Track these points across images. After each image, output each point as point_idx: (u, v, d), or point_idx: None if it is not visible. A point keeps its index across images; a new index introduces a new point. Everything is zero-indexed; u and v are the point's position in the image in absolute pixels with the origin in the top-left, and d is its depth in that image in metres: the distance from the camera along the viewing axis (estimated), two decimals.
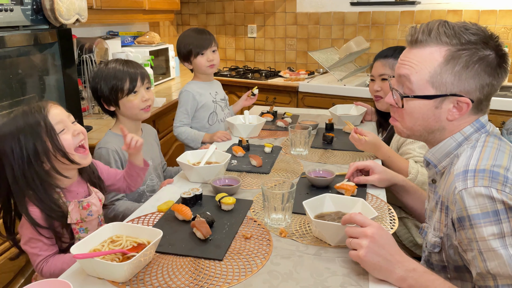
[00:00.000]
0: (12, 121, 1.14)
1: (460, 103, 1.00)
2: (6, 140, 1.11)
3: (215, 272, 0.99)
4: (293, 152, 1.78)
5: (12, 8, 1.53)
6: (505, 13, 3.07)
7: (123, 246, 1.03)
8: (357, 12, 3.56)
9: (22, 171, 1.12)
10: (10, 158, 1.11)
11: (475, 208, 0.89)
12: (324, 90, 3.17)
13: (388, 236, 0.97)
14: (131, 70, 1.61)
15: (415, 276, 0.92)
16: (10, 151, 1.11)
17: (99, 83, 1.60)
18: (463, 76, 0.98)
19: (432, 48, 1.00)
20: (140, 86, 1.63)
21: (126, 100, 1.61)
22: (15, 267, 1.55)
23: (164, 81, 3.56)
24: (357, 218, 0.99)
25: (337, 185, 1.37)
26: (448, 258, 1.03)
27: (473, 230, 0.89)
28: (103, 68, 1.61)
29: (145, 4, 3.10)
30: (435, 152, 1.08)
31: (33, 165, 1.13)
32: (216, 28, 4.21)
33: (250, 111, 2.49)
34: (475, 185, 0.90)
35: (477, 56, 0.97)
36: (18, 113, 1.15)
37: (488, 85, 0.99)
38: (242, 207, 1.30)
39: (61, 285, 0.87)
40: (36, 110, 1.15)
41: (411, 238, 1.72)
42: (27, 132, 1.12)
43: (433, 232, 1.06)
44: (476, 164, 0.94)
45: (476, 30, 0.98)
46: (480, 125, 1.03)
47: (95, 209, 1.26)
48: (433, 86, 1.01)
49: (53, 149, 1.14)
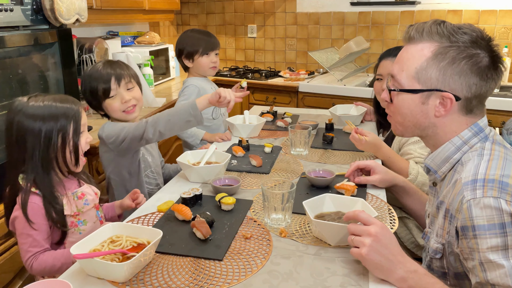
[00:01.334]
0: (49, 105, 1.20)
1: (445, 99, 0.99)
2: (39, 119, 1.17)
3: (215, 272, 0.99)
4: (293, 152, 1.78)
5: (12, 8, 1.53)
6: (505, 13, 3.07)
7: (123, 246, 1.03)
8: (357, 12, 3.56)
9: (41, 153, 1.18)
10: (35, 137, 1.17)
11: (482, 219, 0.88)
12: (324, 90, 3.17)
13: (391, 236, 0.96)
14: (104, 72, 1.55)
15: (415, 277, 0.92)
16: (38, 130, 1.17)
17: (84, 83, 1.58)
18: (448, 72, 0.98)
19: (423, 45, 1.01)
20: (116, 89, 1.56)
21: (106, 103, 1.58)
22: (15, 267, 1.55)
23: (164, 81, 3.56)
24: (361, 216, 0.99)
25: (337, 185, 1.37)
26: (448, 264, 1.02)
27: (476, 240, 0.88)
28: (86, 70, 1.59)
29: (145, 4, 3.10)
30: (435, 157, 1.07)
31: (51, 150, 1.19)
32: (216, 28, 4.21)
33: (250, 111, 2.49)
34: (484, 195, 0.88)
35: (465, 54, 0.96)
36: (56, 98, 1.22)
37: (475, 85, 0.97)
38: (242, 207, 1.30)
39: (61, 285, 0.87)
40: (74, 103, 1.23)
41: (412, 239, 1.72)
42: (59, 119, 1.19)
43: (435, 238, 1.05)
44: (484, 173, 0.92)
45: (469, 30, 0.98)
46: (479, 129, 1.02)
47: (91, 198, 1.28)
48: (419, 81, 1.02)
49: (72, 144, 1.21)
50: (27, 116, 1.17)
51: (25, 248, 1.18)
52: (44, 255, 1.18)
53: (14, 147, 1.19)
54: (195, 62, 2.21)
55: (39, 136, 1.17)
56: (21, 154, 1.18)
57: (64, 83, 1.80)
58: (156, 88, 3.30)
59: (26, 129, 1.17)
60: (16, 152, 1.19)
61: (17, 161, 1.20)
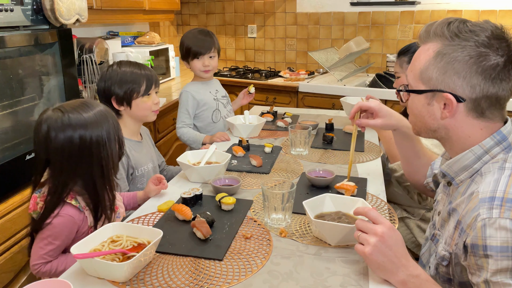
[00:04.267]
0: (98, 110, 1.21)
1: (447, 100, 0.96)
2: (98, 127, 1.18)
3: (215, 272, 0.99)
4: (293, 152, 1.78)
5: (12, 8, 1.53)
6: (505, 13, 3.07)
7: (123, 246, 1.03)
8: (357, 12, 3.57)
9: (111, 157, 1.21)
10: (107, 143, 1.19)
11: (495, 240, 0.84)
12: (324, 90, 3.17)
13: (398, 237, 0.94)
14: (148, 73, 1.67)
15: (416, 282, 0.90)
16: (111, 137, 1.20)
17: (113, 84, 1.62)
18: (448, 72, 0.95)
19: (430, 44, 1.00)
20: (153, 89, 1.69)
21: (140, 101, 1.65)
22: (15, 267, 1.55)
23: (164, 81, 3.56)
24: (371, 214, 0.97)
25: (337, 185, 1.37)
26: (454, 273, 1.01)
27: (486, 260, 0.85)
28: (117, 70, 1.65)
29: (145, 4, 3.10)
30: (452, 165, 1.02)
31: (114, 155, 1.23)
32: (216, 28, 4.21)
33: (250, 111, 2.49)
34: (500, 216, 0.84)
35: (466, 52, 0.92)
36: (107, 113, 1.23)
37: (479, 85, 0.93)
38: (242, 207, 1.30)
39: (61, 285, 0.87)
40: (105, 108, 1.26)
41: (413, 239, 1.72)
42: (113, 122, 1.23)
43: (443, 245, 1.03)
44: (504, 191, 0.87)
45: (478, 29, 0.93)
46: (502, 137, 0.95)
47: (122, 211, 1.32)
48: (422, 81, 1.00)
49: (119, 153, 1.27)
50: (84, 127, 1.15)
51: (41, 253, 1.17)
52: (53, 262, 1.18)
53: (73, 160, 1.15)
54: (190, 65, 2.18)
55: (109, 142, 1.19)
56: (81, 168, 1.17)
57: (64, 83, 1.80)
58: None
59: (90, 139, 1.16)
60: (73, 166, 1.16)
61: (72, 174, 1.17)
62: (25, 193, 1.57)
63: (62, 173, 1.16)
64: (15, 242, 1.54)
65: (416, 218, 1.74)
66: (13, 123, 1.61)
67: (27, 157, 1.60)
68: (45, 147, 1.15)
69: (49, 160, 1.16)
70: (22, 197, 1.55)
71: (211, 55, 2.16)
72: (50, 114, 1.16)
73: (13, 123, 1.61)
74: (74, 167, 1.16)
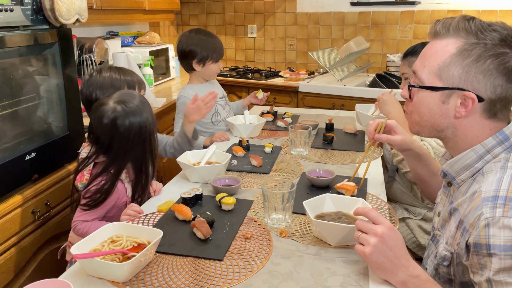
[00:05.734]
0: (141, 99, 1.42)
1: (466, 99, 0.93)
2: (144, 113, 1.38)
3: (215, 272, 0.99)
4: (293, 152, 1.78)
5: (12, 8, 1.53)
6: (505, 13, 3.07)
7: (123, 246, 1.03)
8: (357, 12, 3.57)
9: (157, 136, 1.46)
10: (155, 125, 1.42)
11: (499, 239, 0.83)
12: (324, 90, 3.16)
13: (398, 238, 0.94)
14: (128, 78, 1.63)
15: (417, 283, 0.90)
16: (153, 126, 1.42)
17: (94, 91, 1.58)
18: (472, 71, 0.91)
19: (448, 40, 0.95)
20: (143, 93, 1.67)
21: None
22: (15, 267, 1.54)
23: (164, 81, 3.56)
24: (371, 214, 0.96)
25: (337, 185, 1.37)
26: (455, 273, 1.00)
27: (490, 259, 0.85)
28: (96, 77, 1.60)
29: (145, 4, 3.10)
30: (453, 164, 1.01)
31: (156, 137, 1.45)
32: (216, 28, 4.21)
33: (250, 111, 2.49)
34: (504, 215, 0.84)
35: (492, 52, 0.90)
36: (143, 97, 1.44)
37: (501, 86, 0.91)
38: (242, 207, 1.30)
39: (61, 285, 0.87)
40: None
41: (414, 239, 1.72)
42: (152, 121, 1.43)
43: (444, 245, 1.02)
44: (507, 189, 0.87)
45: (500, 28, 0.92)
46: (504, 137, 0.94)
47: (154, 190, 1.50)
48: (440, 78, 0.96)
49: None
50: (140, 114, 1.36)
51: (80, 215, 1.36)
52: (92, 223, 1.36)
53: (133, 143, 1.35)
54: (205, 67, 2.14)
55: (153, 125, 1.41)
56: (137, 148, 1.37)
57: (64, 83, 1.79)
58: (156, 88, 3.30)
59: (145, 123, 1.37)
60: (132, 148, 1.36)
61: (130, 155, 1.37)
62: (25, 193, 1.57)
63: (124, 155, 1.36)
64: (15, 242, 1.54)
65: (417, 218, 1.73)
66: (13, 123, 1.61)
67: (27, 157, 1.60)
68: (110, 134, 1.34)
69: (110, 145, 1.35)
70: (22, 197, 1.55)
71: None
72: (112, 105, 1.35)
73: (13, 123, 1.61)
74: (132, 149, 1.36)
